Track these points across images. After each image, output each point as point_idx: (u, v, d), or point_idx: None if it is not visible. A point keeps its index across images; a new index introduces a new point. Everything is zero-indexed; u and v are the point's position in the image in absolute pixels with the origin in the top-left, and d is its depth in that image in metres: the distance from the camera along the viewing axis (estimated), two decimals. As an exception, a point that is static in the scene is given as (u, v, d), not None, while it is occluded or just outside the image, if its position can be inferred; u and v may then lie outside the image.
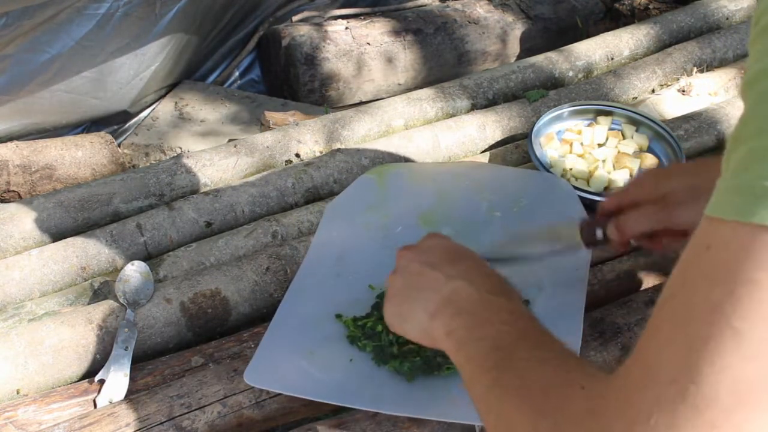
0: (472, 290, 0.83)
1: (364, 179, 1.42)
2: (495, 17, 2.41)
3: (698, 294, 0.52)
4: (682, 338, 0.52)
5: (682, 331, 0.52)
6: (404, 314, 0.90)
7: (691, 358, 0.50)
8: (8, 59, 1.69)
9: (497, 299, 0.81)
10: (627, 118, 1.57)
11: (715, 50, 1.86)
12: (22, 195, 1.62)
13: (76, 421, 1.04)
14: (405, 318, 0.90)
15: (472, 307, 0.81)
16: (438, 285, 0.86)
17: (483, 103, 1.73)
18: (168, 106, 2.08)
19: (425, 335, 0.87)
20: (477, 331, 0.78)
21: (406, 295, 0.90)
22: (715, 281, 0.51)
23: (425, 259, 0.91)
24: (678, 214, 1.01)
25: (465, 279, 0.85)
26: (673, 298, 0.55)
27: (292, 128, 1.61)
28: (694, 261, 0.54)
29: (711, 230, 0.53)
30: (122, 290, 1.22)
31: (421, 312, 0.87)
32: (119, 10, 1.78)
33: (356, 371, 1.07)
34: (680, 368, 0.51)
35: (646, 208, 1.03)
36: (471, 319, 0.80)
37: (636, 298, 1.21)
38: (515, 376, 0.69)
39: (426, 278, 0.88)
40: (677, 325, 0.53)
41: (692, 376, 0.50)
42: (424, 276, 0.88)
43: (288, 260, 1.30)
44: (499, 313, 0.79)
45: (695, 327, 0.51)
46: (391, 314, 0.93)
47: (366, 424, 1.04)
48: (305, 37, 2.21)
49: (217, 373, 1.10)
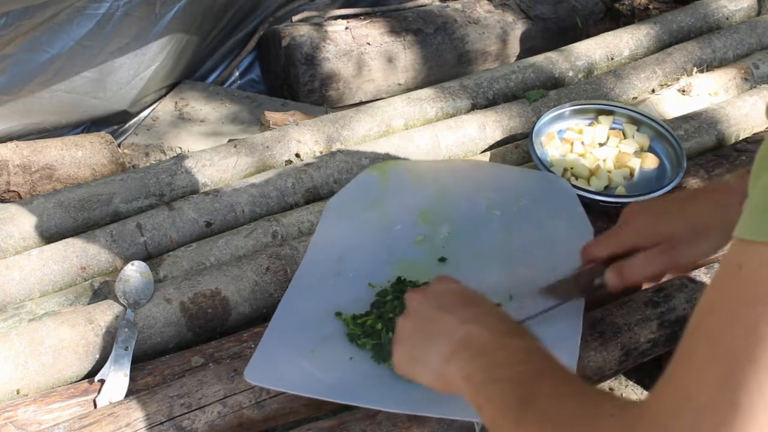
0: (487, 333, 0.82)
1: (364, 176, 1.43)
2: (495, 17, 2.40)
3: (732, 315, 0.52)
4: (718, 361, 0.52)
5: (718, 353, 0.52)
6: (416, 358, 0.89)
7: (729, 382, 0.50)
8: (8, 59, 1.69)
9: (512, 340, 0.81)
10: (628, 117, 1.57)
11: (715, 50, 1.86)
12: (22, 195, 1.62)
13: (76, 421, 1.04)
14: (417, 362, 0.89)
15: (488, 349, 0.81)
16: (451, 329, 0.85)
17: (483, 103, 1.73)
18: (168, 106, 2.08)
19: (439, 379, 0.85)
20: (495, 372, 0.77)
21: (418, 339, 0.89)
22: (750, 302, 0.51)
23: (437, 303, 0.90)
24: (682, 254, 1.01)
25: (478, 322, 0.84)
26: (707, 320, 0.55)
27: (292, 128, 1.61)
28: (726, 282, 0.54)
29: (742, 251, 0.53)
30: (122, 290, 1.22)
31: (434, 356, 0.85)
32: (119, 10, 1.78)
33: (356, 369, 1.08)
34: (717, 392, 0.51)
35: (650, 252, 1.02)
36: (487, 361, 0.79)
37: (636, 298, 1.21)
38: (539, 412, 0.68)
39: (438, 323, 0.87)
40: (712, 347, 0.53)
41: (730, 400, 0.50)
42: (437, 320, 0.87)
43: (288, 260, 1.30)
44: (515, 354, 0.78)
45: (731, 349, 0.51)
46: (402, 359, 0.92)
47: (366, 424, 1.04)
48: (305, 37, 2.21)
49: (217, 373, 1.10)
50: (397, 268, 1.24)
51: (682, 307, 1.20)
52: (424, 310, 0.90)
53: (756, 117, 1.66)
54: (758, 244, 0.51)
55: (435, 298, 0.92)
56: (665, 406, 0.55)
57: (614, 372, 1.18)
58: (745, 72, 1.80)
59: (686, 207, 1.05)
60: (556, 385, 0.71)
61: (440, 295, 0.92)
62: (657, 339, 1.17)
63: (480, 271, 1.22)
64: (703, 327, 0.55)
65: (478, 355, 0.81)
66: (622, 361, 1.16)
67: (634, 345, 1.16)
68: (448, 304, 0.89)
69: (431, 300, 0.91)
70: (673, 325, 1.19)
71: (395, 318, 1.12)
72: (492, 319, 0.86)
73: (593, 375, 1.14)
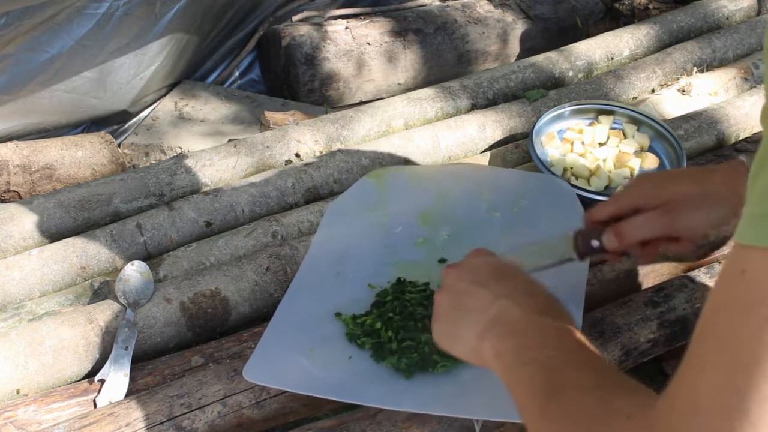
0: (519, 311, 0.82)
1: (364, 182, 1.43)
2: (495, 17, 2.40)
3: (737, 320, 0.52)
4: (725, 366, 0.52)
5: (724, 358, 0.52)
6: (452, 334, 0.89)
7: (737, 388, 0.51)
8: (8, 59, 1.69)
9: (544, 320, 0.81)
10: (628, 117, 1.57)
11: (715, 50, 1.86)
12: (22, 195, 1.62)
13: (76, 421, 1.04)
14: (453, 338, 0.89)
15: (520, 327, 0.81)
16: (485, 305, 0.85)
17: (483, 102, 1.73)
18: (168, 106, 2.08)
19: (474, 355, 0.86)
20: (524, 354, 0.77)
21: (454, 316, 0.89)
22: (752, 307, 0.51)
23: (472, 277, 0.90)
24: (681, 220, 0.99)
25: (511, 298, 0.84)
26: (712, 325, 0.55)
27: (292, 128, 1.61)
28: (729, 287, 0.54)
29: (744, 257, 0.53)
30: (122, 290, 1.22)
31: (469, 332, 0.86)
32: (119, 10, 1.78)
33: (355, 369, 1.08)
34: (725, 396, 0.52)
35: (650, 214, 1.00)
36: (518, 341, 0.79)
37: (636, 298, 1.21)
38: (562, 405, 0.69)
39: (473, 297, 0.87)
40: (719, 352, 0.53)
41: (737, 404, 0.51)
42: (471, 295, 0.88)
43: (288, 260, 1.30)
44: (546, 336, 0.78)
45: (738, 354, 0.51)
46: (439, 334, 0.92)
47: (366, 424, 1.04)
48: (305, 37, 2.21)
49: (217, 373, 1.10)
50: (398, 269, 1.24)
51: (682, 307, 1.20)
52: (459, 285, 0.90)
53: (756, 117, 1.66)
54: (758, 250, 0.52)
55: (470, 272, 0.91)
56: (675, 410, 0.55)
57: (614, 372, 1.18)
58: (745, 72, 1.80)
59: (695, 175, 1.04)
60: (581, 373, 0.72)
61: (476, 269, 0.91)
62: (657, 339, 1.17)
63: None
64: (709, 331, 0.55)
65: (509, 334, 0.81)
66: (622, 361, 1.16)
67: (634, 345, 1.16)
68: (482, 277, 0.89)
69: (467, 274, 0.91)
70: (673, 325, 1.19)
71: (395, 318, 1.13)
72: (526, 295, 0.85)
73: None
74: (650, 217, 1.00)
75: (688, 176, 1.05)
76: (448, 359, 1.06)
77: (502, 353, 0.80)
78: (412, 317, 1.12)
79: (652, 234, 1.01)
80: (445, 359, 1.06)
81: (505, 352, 0.80)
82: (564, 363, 0.74)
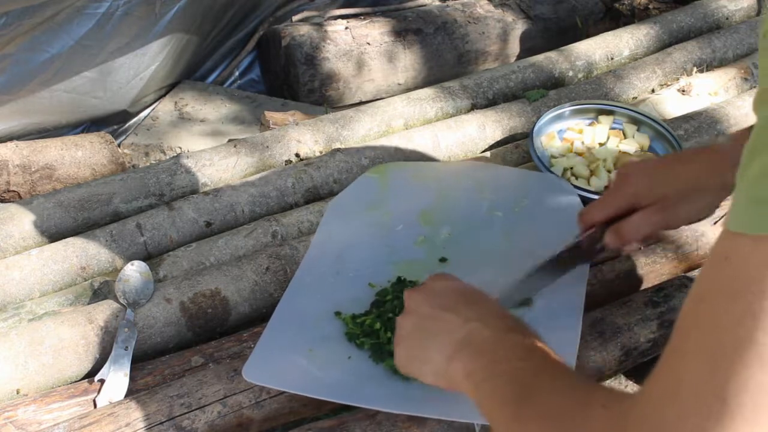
0: (488, 331, 0.83)
1: (365, 178, 1.43)
2: (495, 17, 2.40)
3: (719, 307, 0.52)
4: (705, 353, 0.52)
5: (705, 345, 0.52)
6: (417, 357, 0.89)
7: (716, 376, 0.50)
8: (8, 59, 1.69)
9: (513, 337, 0.81)
10: (628, 117, 1.57)
11: (715, 50, 1.86)
12: (22, 195, 1.62)
13: (76, 421, 1.04)
14: (419, 360, 0.89)
15: (489, 346, 0.81)
16: (453, 327, 0.86)
17: (483, 102, 1.73)
18: (168, 106, 2.08)
19: (442, 378, 0.86)
20: (494, 368, 0.78)
21: (420, 339, 0.89)
22: (736, 295, 0.51)
23: (438, 302, 0.90)
24: (678, 213, 1.05)
25: (481, 321, 0.85)
26: (694, 312, 0.55)
27: (292, 128, 1.61)
28: (714, 275, 0.54)
29: (730, 244, 0.53)
30: (122, 290, 1.22)
31: (436, 355, 0.86)
32: (119, 10, 1.78)
33: (355, 369, 1.08)
34: (704, 383, 0.51)
35: (647, 212, 1.05)
36: (488, 358, 0.80)
37: (636, 298, 1.21)
38: (536, 407, 0.69)
39: (440, 321, 0.88)
40: (699, 339, 0.53)
41: (716, 391, 0.50)
42: (439, 319, 0.88)
43: (288, 260, 1.30)
44: (515, 350, 0.79)
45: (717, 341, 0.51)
46: (403, 357, 0.92)
47: (366, 424, 1.04)
48: (305, 37, 2.21)
49: (217, 373, 1.10)
50: (398, 268, 1.24)
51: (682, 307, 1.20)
52: (424, 309, 0.91)
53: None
54: (745, 236, 0.51)
55: (435, 296, 0.92)
56: (655, 397, 0.55)
57: (614, 372, 1.18)
58: (745, 72, 1.80)
59: (679, 167, 1.08)
60: (553, 379, 0.72)
61: (441, 294, 0.92)
62: (657, 339, 1.17)
63: (481, 272, 1.22)
64: (692, 318, 0.55)
65: (479, 353, 0.81)
66: (621, 361, 1.16)
67: (634, 345, 1.16)
68: (450, 302, 0.90)
69: (431, 299, 0.91)
70: (673, 325, 1.18)
71: (395, 318, 1.12)
72: (493, 316, 0.86)
73: (593, 375, 1.14)
74: (647, 215, 1.05)
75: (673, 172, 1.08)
76: None
77: (472, 372, 0.80)
78: (412, 317, 1.12)
79: (651, 231, 1.08)
80: None
81: (475, 370, 0.80)
82: (534, 372, 0.75)
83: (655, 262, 1.30)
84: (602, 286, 1.26)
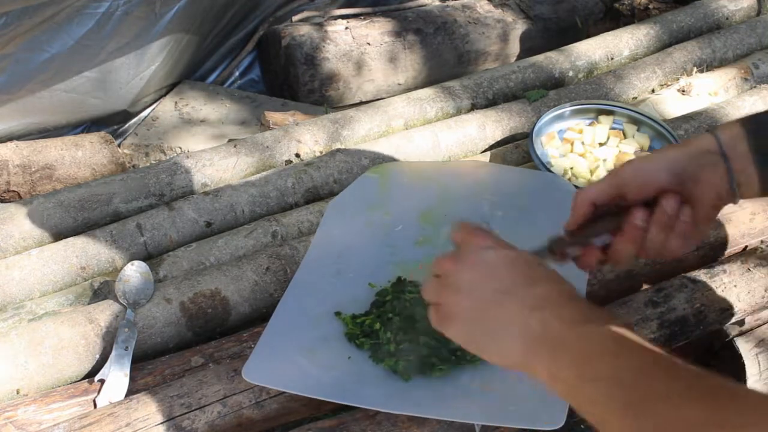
0: (562, 323, 0.73)
1: (365, 178, 1.43)
2: (495, 17, 2.40)
3: None
4: None
5: None
6: (485, 344, 0.79)
7: None
8: (8, 58, 1.69)
9: (595, 328, 0.72)
10: (628, 117, 1.57)
11: (715, 50, 1.86)
12: (22, 195, 1.62)
13: (76, 421, 1.04)
14: (486, 348, 0.79)
15: (570, 342, 0.72)
16: (520, 318, 0.76)
17: (483, 102, 1.73)
18: (168, 106, 2.08)
19: (523, 368, 0.77)
20: (588, 370, 0.69)
21: (481, 324, 0.79)
22: None
23: (495, 285, 0.79)
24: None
25: (548, 309, 0.75)
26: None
27: (292, 128, 1.61)
28: None
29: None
30: (122, 290, 1.22)
31: (510, 347, 0.77)
32: (119, 10, 1.78)
33: (354, 369, 1.08)
34: None
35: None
36: (574, 357, 0.71)
37: (636, 298, 1.21)
38: (658, 420, 0.61)
39: (502, 309, 0.78)
40: None
41: None
42: (500, 306, 0.78)
43: (288, 260, 1.30)
44: (603, 345, 0.70)
45: None
46: (462, 337, 0.81)
47: (365, 424, 1.04)
48: (305, 37, 2.21)
49: (217, 373, 1.10)
50: (398, 268, 1.24)
51: (682, 307, 1.20)
52: (480, 292, 0.79)
53: (756, 117, 1.66)
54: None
55: (490, 275, 0.80)
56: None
57: (614, 372, 1.18)
58: (745, 72, 1.80)
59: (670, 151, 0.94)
60: (669, 381, 0.63)
61: (495, 271, 0.81)
62: (657, 339, 1.17)
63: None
64: None
65: (560, 351, 0.72)
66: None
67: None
68: (508, 283, 0.79)
69: (487, 280, 0.80)
70: (673, 325, 1.19)
71: (395, 318, 1.12)
72: (563, 302, 0.76)
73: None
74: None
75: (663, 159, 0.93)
76: (446, 363, 1.06)
77: (558, 374, 0.72)
78: (412, 318, 1.12)
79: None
80: (443, 363, 1.06)
81: (561, 370, 0.71)
82: (639, 372, 0.66)
83: (655, 262, 1.30)
84: (602, 286, 1.26)
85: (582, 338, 0.72)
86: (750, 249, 1.35)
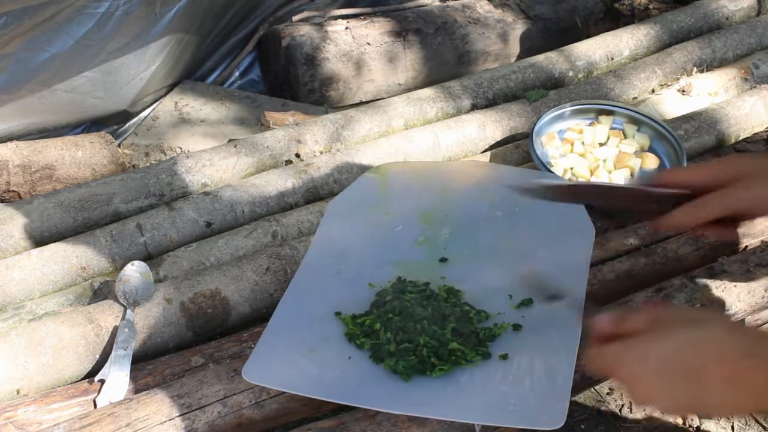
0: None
1: (365, 178, 1.43)
2: (495, 17, 2.40)
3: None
4: None
5: None
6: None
7: None
8: (8, 58, 1.69)
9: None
10: (628, 117, 1.57)
11: (715, 50, 1.86)
12: (22, 195, 1.62)
13: (76, 421, 1.04)
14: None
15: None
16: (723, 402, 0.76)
17: (483, 103, 1.73)
18: (168, 106, 2.08)
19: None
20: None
21: (687, 393, 0.78)
22: None
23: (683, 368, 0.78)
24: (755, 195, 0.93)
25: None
26: None
27: (292, 128, 1.61)
28: None
29: None
30: (122, 290, 1.22)
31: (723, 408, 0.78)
32: (119, 10, 1.78)
33: (355, 369, 1.08)
34: None
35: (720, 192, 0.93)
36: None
37: (636, 298, 1.21)
38: None
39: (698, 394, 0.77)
40: None
41: None
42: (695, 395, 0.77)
43: (288, 260, 1.30)
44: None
45: None
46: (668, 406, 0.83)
47: (365, 424, 1.04)
48: (305, 37, 2.21)
49: (217, 373, 1.10)
50: (398, 268, 1.24)
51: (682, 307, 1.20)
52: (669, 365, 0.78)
53: (756, 117, 1.66)
54: None
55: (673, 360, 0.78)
56: None
57: (614, 372, 1.18)
58: (745, 72, 1.80)
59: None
60: None
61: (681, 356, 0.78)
62: (657, 339, 1.17)
63: (481, 272, 1.22)
64: None
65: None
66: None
67: None
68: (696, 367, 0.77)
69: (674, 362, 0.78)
70: (673, 325, 1.18)
71: (395, 318, 1.12)
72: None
73: (593, 376, 1.14)
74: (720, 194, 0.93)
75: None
76: (446, 363, 1.06)
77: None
78: (412, 318, 1.12)
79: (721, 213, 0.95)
80: (443, 363, 1.06)
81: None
82: None
83: (655, 262, 1.30)
84: (602, 286, 1.26)
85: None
86: (750, 249, 1.35)
